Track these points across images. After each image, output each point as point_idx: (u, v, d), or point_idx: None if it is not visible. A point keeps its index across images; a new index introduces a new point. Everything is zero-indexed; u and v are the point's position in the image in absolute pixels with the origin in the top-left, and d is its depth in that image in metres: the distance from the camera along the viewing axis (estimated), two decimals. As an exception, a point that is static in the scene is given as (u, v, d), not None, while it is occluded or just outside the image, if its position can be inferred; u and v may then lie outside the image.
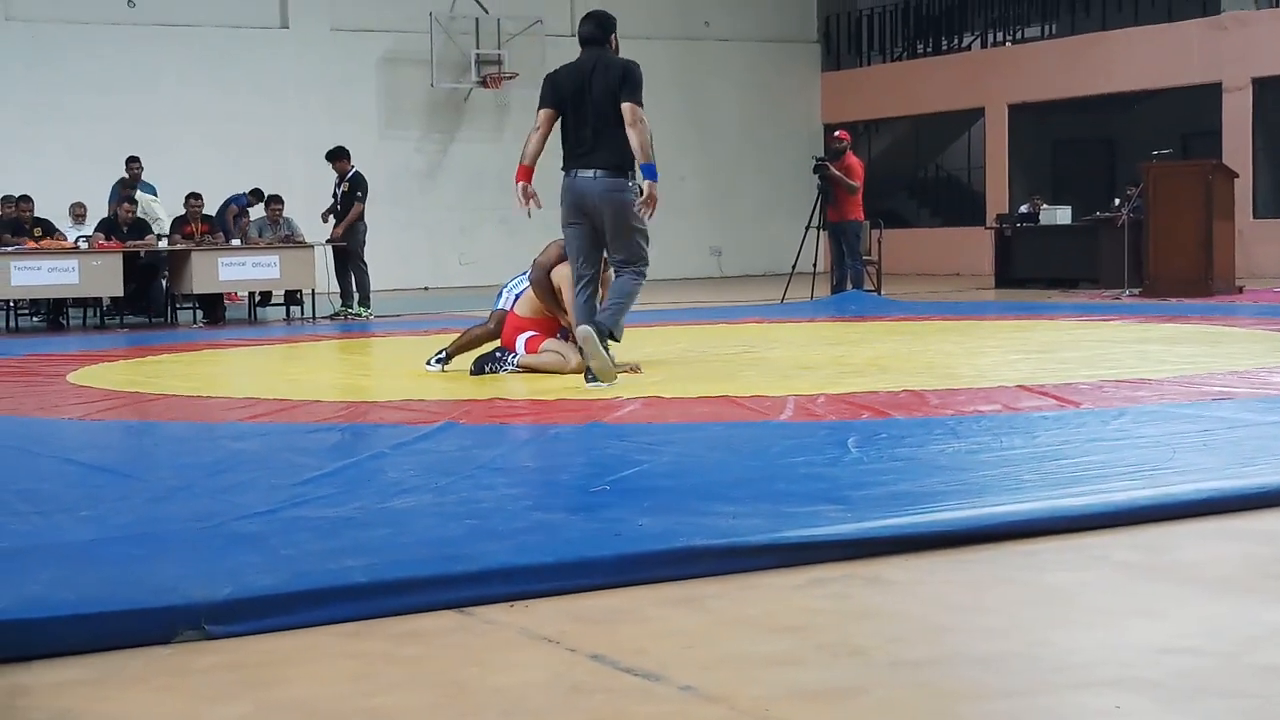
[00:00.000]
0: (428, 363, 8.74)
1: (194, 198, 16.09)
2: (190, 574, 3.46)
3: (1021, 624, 3.20)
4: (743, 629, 3.20)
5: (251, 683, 2.90)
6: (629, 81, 7.79)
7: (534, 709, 2.71)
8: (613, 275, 8.10)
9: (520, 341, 8.40)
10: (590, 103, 7.83)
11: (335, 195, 15.94)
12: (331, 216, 16.02)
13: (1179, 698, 2.66)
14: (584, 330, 7.54)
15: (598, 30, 7.99)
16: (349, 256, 15.85)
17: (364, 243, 16.00)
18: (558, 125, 8.00)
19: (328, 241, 15.91)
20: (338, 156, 15.93)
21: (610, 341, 7.65)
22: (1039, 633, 3.12)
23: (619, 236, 7.86)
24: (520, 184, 7.96)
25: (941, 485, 4.49)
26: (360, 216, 15.82)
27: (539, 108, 8.07)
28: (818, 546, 3.77)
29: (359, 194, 15.83)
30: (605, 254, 8.02)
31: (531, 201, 7.90)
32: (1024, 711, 2.63)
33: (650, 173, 7.74)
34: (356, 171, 15.95)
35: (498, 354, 8.46)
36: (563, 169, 7.99)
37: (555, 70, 8.18)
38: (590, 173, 7.81)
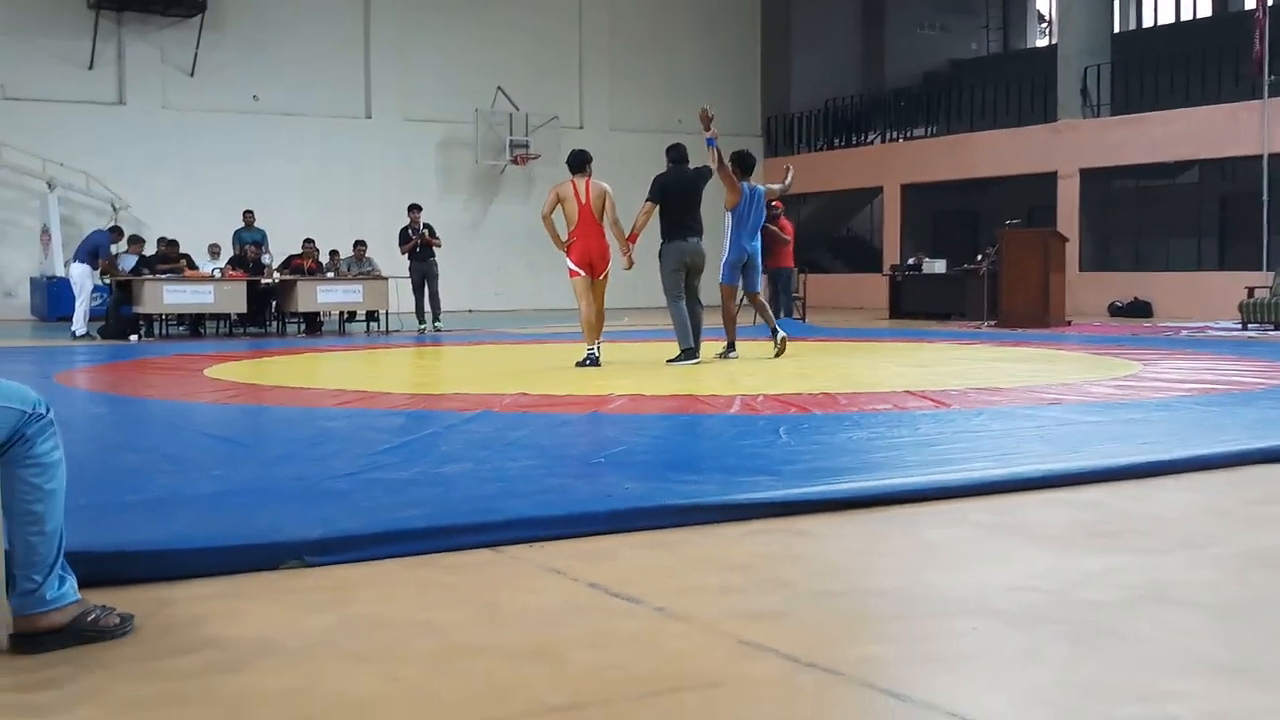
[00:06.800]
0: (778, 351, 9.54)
1: (309, 242, 16.30)
2: (292, 519, 3.45)
3: (906, 567, 3.20)
4: (702, 566, 3.19)
5: (337, 600, 2.89)
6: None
7: (548, 623, 2.70)
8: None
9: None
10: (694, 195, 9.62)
11: (418, 237, 15.96)
12: (417, 249, 16.01)
13: (1021, 622, 2.66)
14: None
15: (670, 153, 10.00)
16: (432, 281, 15.99)
17: (438, 273, 16.20)
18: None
19: (419, 247, 15.83)
20: (416, 209, 16.22)
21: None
22: (919, 574, 3.12)
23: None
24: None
25: (848, 463, 4.49)
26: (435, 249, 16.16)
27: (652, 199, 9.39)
28: (757, 506, 3.76)
29: (436, 235, 16.19)
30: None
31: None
32: (907, 631, 2.63)
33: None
34: (427, 223, 16.22)
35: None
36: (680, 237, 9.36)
37: (663, 174, 9.46)
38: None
